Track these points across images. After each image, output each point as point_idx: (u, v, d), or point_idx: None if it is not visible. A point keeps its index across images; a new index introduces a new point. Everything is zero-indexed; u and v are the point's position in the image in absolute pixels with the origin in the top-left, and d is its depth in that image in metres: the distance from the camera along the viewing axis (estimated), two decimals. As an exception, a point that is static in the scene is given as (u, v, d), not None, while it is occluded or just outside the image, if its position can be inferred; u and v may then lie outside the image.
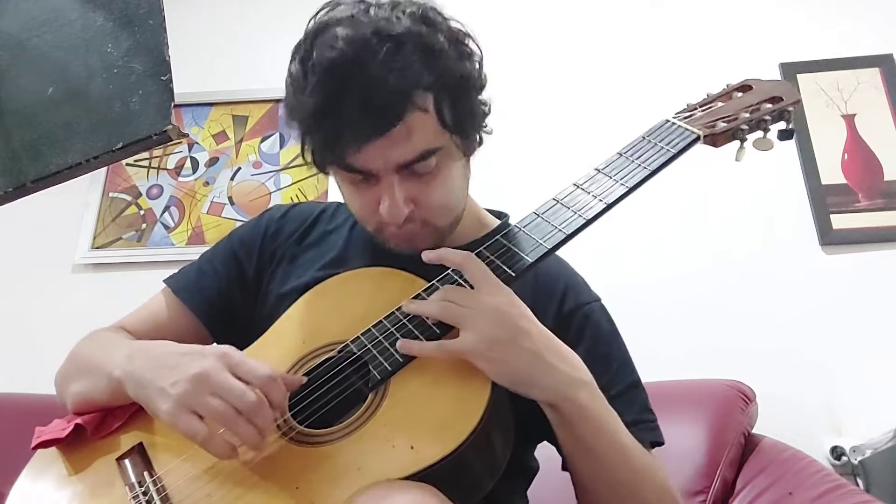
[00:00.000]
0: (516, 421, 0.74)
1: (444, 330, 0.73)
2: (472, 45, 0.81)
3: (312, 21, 0.79)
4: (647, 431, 0.81)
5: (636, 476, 0.73)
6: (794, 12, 1.98)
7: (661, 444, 0.82)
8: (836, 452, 1.48)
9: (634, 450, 0.74)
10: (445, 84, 0.76)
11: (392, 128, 0.73)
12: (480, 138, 0.86)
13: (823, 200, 1.76)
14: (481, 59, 0.82)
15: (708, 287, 1.70)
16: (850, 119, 1.85)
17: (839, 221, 1.74)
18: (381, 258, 0.87)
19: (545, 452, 0.94)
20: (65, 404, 0.85)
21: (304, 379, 0.73)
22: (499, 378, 0.67)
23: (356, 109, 0.71)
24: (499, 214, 0.98)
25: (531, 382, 0.68)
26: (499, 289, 0.70)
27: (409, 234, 0.81)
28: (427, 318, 0.73)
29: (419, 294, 0.77)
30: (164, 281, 0.96)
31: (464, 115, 0.79)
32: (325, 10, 0.79)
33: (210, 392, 0.66)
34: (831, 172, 1.79)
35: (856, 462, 1.44)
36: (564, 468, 0.81)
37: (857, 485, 1.41)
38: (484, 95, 0.84)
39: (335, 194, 1.95)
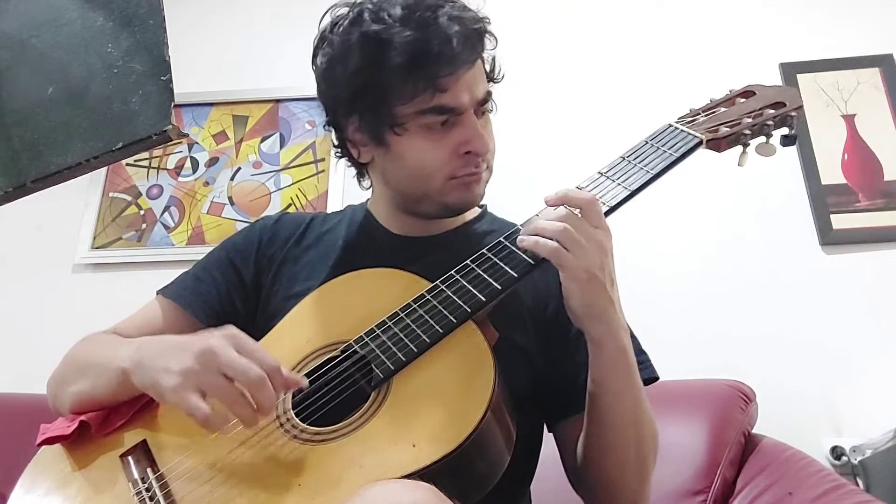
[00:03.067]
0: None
1: (447, 330, 0.73)
2: None
3: (347, 9, 0.86)
4: (645, 370, 0.87)
5: (645, 420, 0.80)
6: (794, 12, 1.98)
7: (657, 378, 0.89)
8: (836, 452, 1.48)
9: (645, 399, 0.80)
10: (487, 30, 0.86)
11: (479, 57, 0.84)
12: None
13: (823, 200, 1.76)
14: None
15: (708, 287, 1.70)
16: (850, 119, 1.85)
17: (839, 221, 1.74)
18: (383, 257, 0.89)
19: (546, 451, 0.94)
20: (58, 409, 0.85)
21: (306, 381, 0.73)
22: (578, 305, 0.73)
23: (456, 38, 0.79)
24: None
25: (598, 318, 0.74)
26: (607, 236, 0.74)
27: (476, 175, 0.87)
28: (544, 233, 0.74)
29: (433, 288, 0.78)
30: (159, 291, 0.96)
31: (493, 73, 0.92)
32: None
33: (215, 368, 0.66)
34: (831, 172, 1.79)
35: (856, 462, 1.44)
36: (550, 429, 0.90)
37: (857, 485, 1.41)
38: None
39: (335, 195, 1.95)
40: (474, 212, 1.01)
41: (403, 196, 0.91)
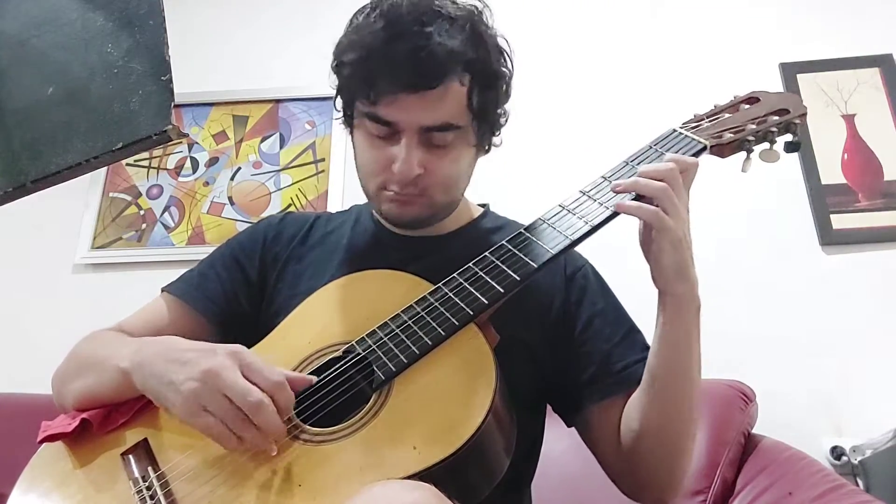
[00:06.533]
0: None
1: (449, 332, 0.73)
2: (508, 60, 0.89)
3: None
4: None
5: (696, 383, 0.80)
6: (794, 12, 1.98)
7: None
8: (836, 452, 1.48)
9: (699, 361, 0.81)
10: (483, 71, 0.84)
11: (430, 89, 0.80)
12: (489, 144, 0.93)
13: (823, 200, 1.76)
14: (511, 77, 0.90)
15: (708, 287, 1.70)
16: (850, 119, 1.85)
17: (839, 221, 1.74)
18: (387, 257, 0.90)
19: (546, 451, 0.95)
20: (62, 405, 0.85)
21: (314, 379, 0.73)
22: (671, 264, 0.75)
23: (404, 59, 0.78)
24: (480, 205, 1.05)
25: (684, 277, 0.77)
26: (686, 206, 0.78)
27: (407, 198, 0.86)
28: (645, 186, 0.76)
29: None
30: (164, 288, 0.96)
31: (488, 107, 0.87)
32: None
33: (218, 390, 0.66)
34: (831, 172, 1.79)
35: (856, 462, 1.44)
36: (571, 422, 0.90)
37: (857, 485, 1.41)
38: (505, 108, 0.92)
39: (335, 195, 1.95)
40: (477, 210, 1.01)
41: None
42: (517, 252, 0.77)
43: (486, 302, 0.74)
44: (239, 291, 0.95)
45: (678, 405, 0.79)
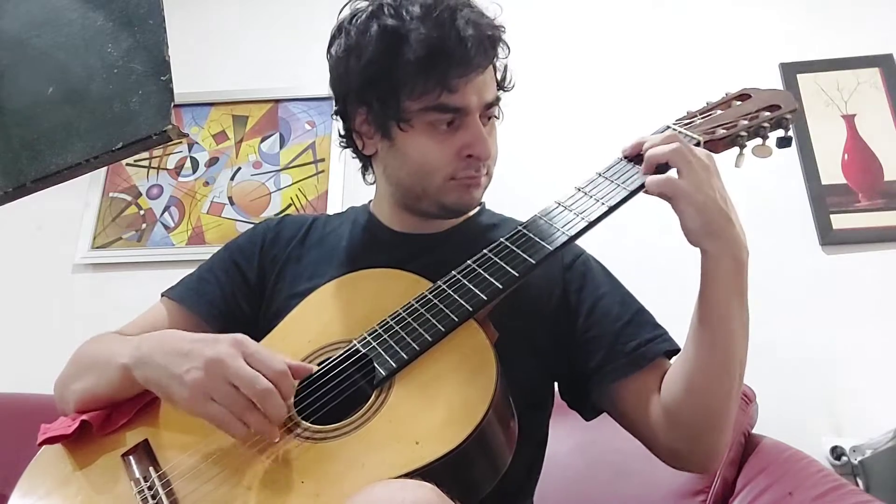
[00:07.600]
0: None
1: (449, 328, 0.73)
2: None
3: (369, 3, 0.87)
4: (665, 342, 0.87)
5: (739, 341, 0.79)
6: (794, 12, 1.98)
7: (678, 350, 0.86)
8: (836, 452, 1.49)
9: (743, 320, 0.79)
10: (504, 42, 0.89)
11: (491, 63, 0.86)
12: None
13: (823, 200, 1.76)
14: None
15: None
16: (850, 119, 1.85)
17: (839, 221, 1.74)
18: (386, 256, 0.90)
19: (547, 452, 0.94)
20: (64, 409, 0.85)
21: (314, 368, 0.73)
22: (697, 226, 0.73)
23: (466, 43, 0.81)
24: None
25: (716, 235, 0.74)
26: (709, 156, 0.76)
27: (477, 179, 0.88)
28: (656, 152, 0.75)
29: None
30: (164, 293, 0.97)
31: (504, 82, 0.92)
32: None
33: (224, 378, 0.67)
34: (831, 172, 1.79)
35: (856, 462, 1.44)
36: (590, 410, 0.89)
37: (857, 485, 1.41)
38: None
39: (335, 195, 1.95)
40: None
41: (403, 192, 0.92)
42: (515, 249, 0.78)
43: (485, 298, 0.75)
44: (238, 294, 0.95)
45: (722, 365, 0.77)
